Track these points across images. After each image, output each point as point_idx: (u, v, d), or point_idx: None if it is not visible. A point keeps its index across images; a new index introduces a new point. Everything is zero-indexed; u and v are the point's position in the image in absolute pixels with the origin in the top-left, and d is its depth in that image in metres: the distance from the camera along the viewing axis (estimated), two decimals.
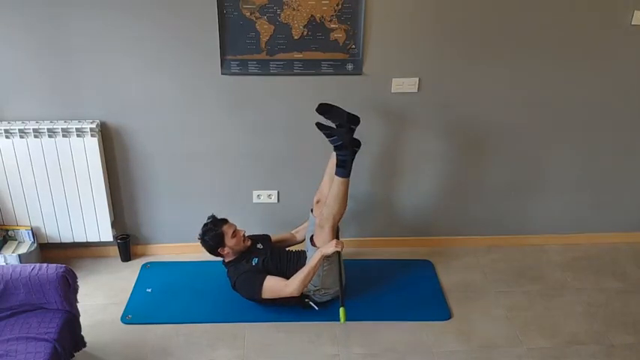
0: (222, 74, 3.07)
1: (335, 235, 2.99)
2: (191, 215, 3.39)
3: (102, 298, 3.16)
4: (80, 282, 2.62)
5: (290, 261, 3.09)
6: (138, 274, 3.35)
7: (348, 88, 3.16)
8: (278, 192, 3.44)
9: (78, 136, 3.07)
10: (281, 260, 3.08)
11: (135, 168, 3.29)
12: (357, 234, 3.60)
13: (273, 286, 2.92)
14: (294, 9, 2.95)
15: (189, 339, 2.89)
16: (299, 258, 3.10)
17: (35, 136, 3.06)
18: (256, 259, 3.03)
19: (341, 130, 2.92)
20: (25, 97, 3.08)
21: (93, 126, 3.08)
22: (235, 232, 3.02)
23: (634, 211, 3.66)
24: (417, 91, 3.19)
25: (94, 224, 3.30)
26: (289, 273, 2.97)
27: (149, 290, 3.22)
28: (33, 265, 2.50)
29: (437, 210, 3.55)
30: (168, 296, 3.17)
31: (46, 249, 3.37)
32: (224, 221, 3.05)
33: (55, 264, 2.52)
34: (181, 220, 3.44)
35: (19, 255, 3.16)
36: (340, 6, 2.96)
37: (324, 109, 2.95)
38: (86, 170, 3.15)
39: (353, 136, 2.93)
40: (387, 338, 2.91)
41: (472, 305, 3.15)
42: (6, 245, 3.27)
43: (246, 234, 3.08)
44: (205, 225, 3.04)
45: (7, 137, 3.04)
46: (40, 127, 3.05)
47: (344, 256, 3.18)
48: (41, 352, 2.28)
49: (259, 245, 3.14)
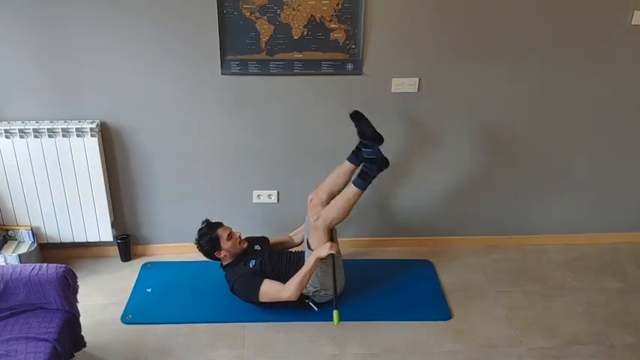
0: (222, 74, 3.08)
1: (330, 237, 2.98)
2: (191, 215, 3.39)
3: (102, 298, 3.16)
4: (80, 282, 2.62)
5: (289, 261, 3.08)
6: (138, 274, 3.35)
7: (348, 88, 3.17)
8: (278, 192, 3.44)
9: (78, 136, 3.07)
10: (279, 261, 3.07)
11: (135, 168, 3.30)
12: (357, 234, 3.60)
13: (270, 291, 2.92)
14: (294, 9, 2.95)
15: (189, 339, 2.89)
16: (298, 259, 3.09)
17: (35, 136, 3.06)
18: (254, 261, 3.02)
19: (376, 146, 2.91)
20: (25, 97, 3.08)
21: (93, 126, 3.08)
22: (231, 235, 3.01)
23: (634, 211, 3.66)
24: (417, 91, 3.19)
25: (94, 224, 3.30)
26: (288, 274, 2.97)
27: (149, 290, 3.22)
28: (33, 265, 2.50)
29: (437, 210, 3.55)
30: (168, 296, 3.17)
31: (46, 249, 3.37)
32: (219, 225, 3.04)
33: (55, 264, 2.51)
34: (181, 220, 3.44)
35: (19, 255, 3.16)
36: (340, 6, 2.96)
37: (357, 117, 2.94)
38: (86, 170, 3.16)
39: (384, 155, 2.94)
40: (387, 338, 2.91)
41: (472, 305, 3.15)
42: (6, 245, 3.27)
43: (242, 236, 3.08)
44: (200, 229, 3.02)
45: (7, 137, 3.04)
46: (40, 127, 3.05)
47: (344, 256, 3.18)
48: (41, 352, 2.27)
49: (257, 247, 3.13)
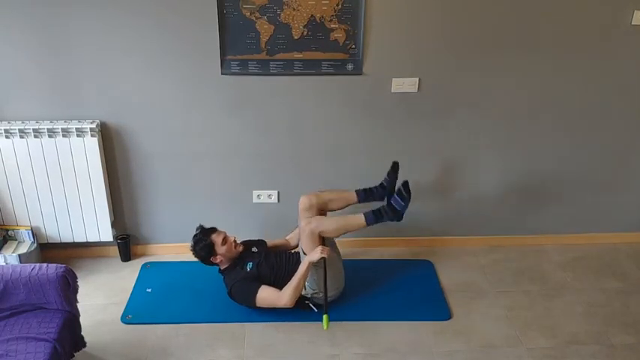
0: (222, 74, 3.07)
1: (321, 242, 2.98)
2: (191, 215, 3.39)
3: (102, 298, 3.16)
4: (80, 282, 2.62)
5: (288, 261, 3.08)
6: (138, 274, 3.35)
7: (348, 88, 3.17)
8: (278, 192, 3.44)
9: (78, 136, 3.07)
10: (277, 262, 3.06)
11: (135, 168, 3.29)
12: (357, 234, 3.58)
13: (267, 298, 2.93)
14: (294, 9, 2.95)
15: (189, 339, 2.89)
16: (296, 260, 3.07)
17: (35, 136, 3.06)
18: (250, 264, 3.02)
19: (408, 201, 2.97)
20: (25, 97, 3.08)
21: (93, 126, 3.08)
22: (225, 239, 3.00)
23: (634, 211, 3.66)
24: (417, 91, 3.19)
25: (94, 224, 3.30)
26: (286, 274, 2.98)
27: (149, 290, 3.22)
28: (33, 265, 2.50)
29: (437, 210, 3.55)
30: (168, 296, 3.17)
31: (46, 249, 3.37)
32: (212, 230, 3.03)
33: (55, 264, 2.51)
34: (181, 220, 3.44)
35: (19, 255, 3.16)
36: (340, 6, 2.96)
37: (396, 169, 3.08)
38: (86, 170, 3.15)
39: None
40: (387, 338, 2.91)
41: (472, 305, 3.15)
42: (6, 245, 3.27)
43: (237, 240, 3.07)
44: (195, 236, 3.03)
45: (7, 137, 3.04)
46: (40, 127, 3.05)
47: (344, 256, 3.19)
48: (41, 352, 2.28)
49: (254, 249, 3.13)
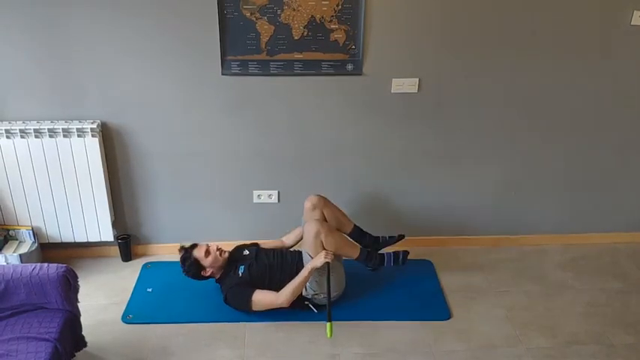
0: (222, 74, 3.08)
1: (324, 246, 2.98)
2: (191, 215, 3.40)
3: (102, 298, 3.16)
4: (81, 282, 2.62)
5: (284, 260, 3.07)
6: (138, 274, 3.36)
7: (348, 89, 3.17)
8: (278, 192, 3.44)
9: (79, 136, 3.07)
10: (269, 261, 3.05)
11: (135, 168, 3.30)
12: None
13: (262, 300, 2.93)
14: (294, 9, 2.95)
15: (189, 339, 2.89)
16: (298, 258, 3.07)
17: (36, 136, 3.06)
18: (242, 267, 3.02)
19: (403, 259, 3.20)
20: (26, 97, 3.08)
21: (94, 126, 3.08)
22: (208, 251, 3.02)
23: (634, 211, 3.66)
24: (417, 92, 3.19)
25: (95, 224, 3.31)
26: (281, 273, 2.99)
27: (150, 290, 3.23)
28: (34, 265, 2.50)
29: (437, 210, 3.55)
30: (168, 296, 3.18)
31: (47, 249, 3.37)
32: (193, 246, 3.06)
33: (56, 264, 2.52)
34: (182, 220, 3.45)
35: (20, 255, 3.17)
36: (340, 6, 2.96)
37: (399, 239, 3.30)
38: (87, 170, 3.16)
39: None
40: (387, 338, 2.91)
41: (472, 305, 3.15)
42: (7, 245, 3.27)
43: (220, 247, 3.06)
44: (181, 258, 3.05)
45: (8, 137, 3.05)
46: (41, 128, 3.05)
47: (344, 257, 3.18)
48: (42, 352, 2.28)
49: (245, 252, 3.14)
